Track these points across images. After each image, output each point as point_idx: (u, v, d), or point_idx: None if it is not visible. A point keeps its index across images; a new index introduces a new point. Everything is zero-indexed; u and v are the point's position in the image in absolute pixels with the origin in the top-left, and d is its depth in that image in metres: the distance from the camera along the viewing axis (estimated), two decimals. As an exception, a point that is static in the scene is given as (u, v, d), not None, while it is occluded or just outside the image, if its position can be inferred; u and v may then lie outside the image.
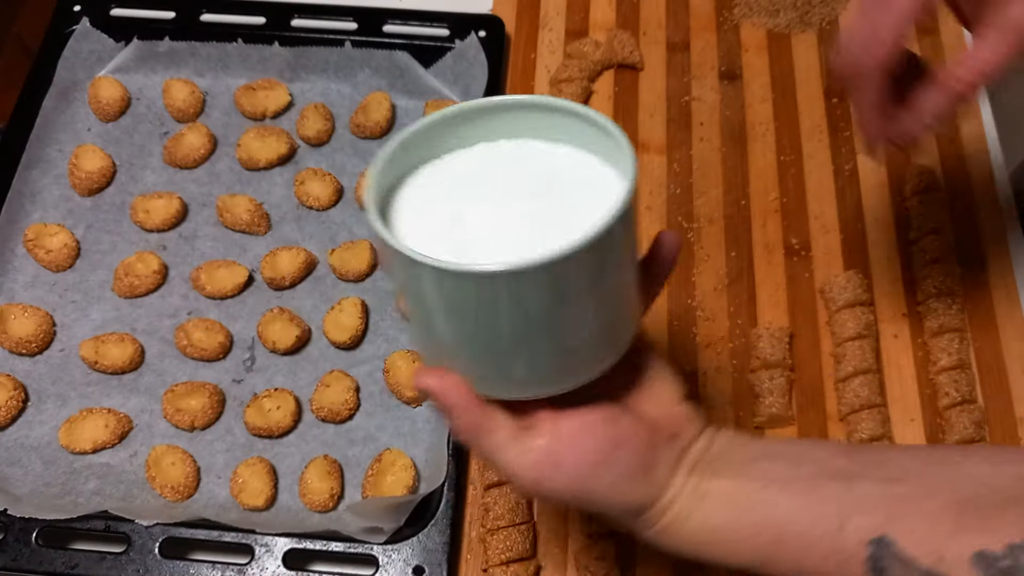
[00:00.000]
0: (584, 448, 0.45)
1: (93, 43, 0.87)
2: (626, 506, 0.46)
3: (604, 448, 0.45)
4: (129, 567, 0.65)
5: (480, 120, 0.48)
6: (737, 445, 0.48)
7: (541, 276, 0.39)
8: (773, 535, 0.45)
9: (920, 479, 0.45)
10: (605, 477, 0.45)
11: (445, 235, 0.44)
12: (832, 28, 0.93)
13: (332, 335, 0.75)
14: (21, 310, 0.75)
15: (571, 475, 0.44)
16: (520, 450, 0.45)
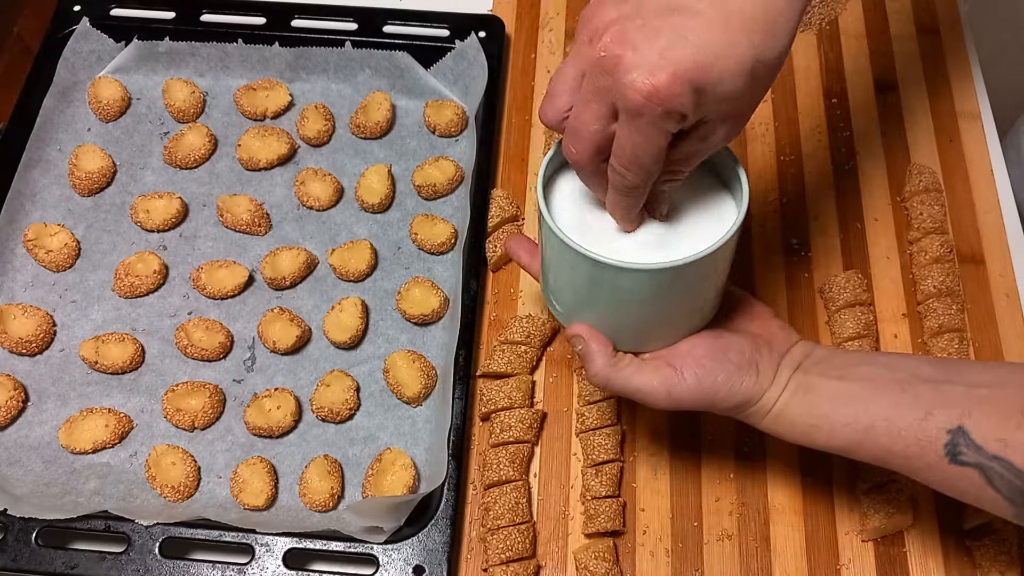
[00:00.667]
0: (698, 354, 0.58)
1: (93, 43, 0.87)
2: (741, 396, 0.57)
3: (714, 352, 0.58)
4: (129, 567, 0.65)
5: None
6: (838, 353, 0.60)
7: (685, 271, 0.52)
8: (866, 423, 0.55)
9: (995, 384, 0.53)
10: (720, 373, 0.57)
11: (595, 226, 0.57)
12: (832, 28, 0.93)
13: (332, 335, 0.75)
14: (21, 310, 0.75)
15: (694, 377, 0.57)
16: (649, 372, 0.57)
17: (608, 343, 0.58)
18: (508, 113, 0.88)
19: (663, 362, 0.58)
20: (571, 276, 0.57)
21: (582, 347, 0.59)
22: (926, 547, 0.68)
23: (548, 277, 0.61)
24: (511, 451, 0.70)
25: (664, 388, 0.57)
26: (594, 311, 0.59)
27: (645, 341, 0.60)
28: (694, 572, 0.67)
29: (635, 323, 0.58)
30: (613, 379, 0.58)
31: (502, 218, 0.80)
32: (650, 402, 0.58)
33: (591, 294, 0.57)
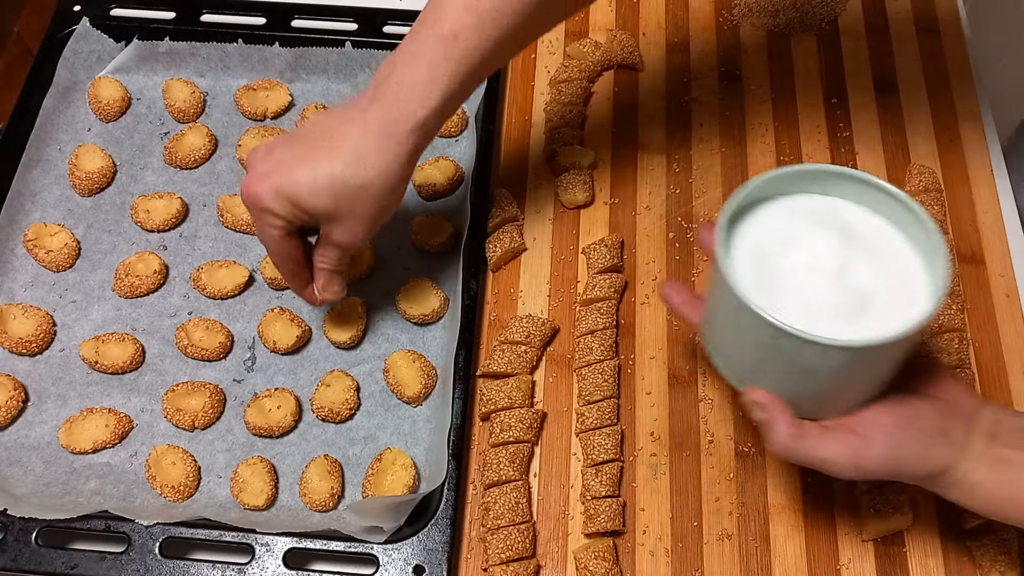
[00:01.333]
0: (885, 424, 0.55)
1: (93, 43, 0.87)
2: (933, 467, 0.55)
3: (902, 421, 0.55)
4: (129, 567, 0.65)
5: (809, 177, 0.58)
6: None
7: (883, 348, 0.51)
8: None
9: None
10: (910, 443, 0.55)
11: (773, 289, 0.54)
12: (832, 28, 0.93)
13: (332, 335, 0.75)
14: (21, 310, 0.75)
15: (883, 448, 0.54)
16: (835, 442, 0.55)
17: (789, 411, 0.56)
18: (508, 113, 0.88)
19: (848, 431, 0.56)
20: (752, 341, 0.54)
21: (764, 416, 0.56)
22: (926, 547, 0.68)
23: (719, 336, 0.59)
24: (511, 451, 0.70)
25: (853, 459, 0.55)
26: (773, 378, 0.56)
27: (827, 409, 0.57)
28: (694, 572, 0.67)
29: (820, 392, 0.56)
30: (797, 450, 0.55)
31: (502, 218, 0.80)
32: (835, 472, 0.55)
33: (774, 361, 0.54)
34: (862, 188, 0.57)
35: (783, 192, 0.58)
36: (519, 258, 0.81)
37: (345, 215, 0.63)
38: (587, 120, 0.88)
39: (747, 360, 0.57)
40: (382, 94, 0.62)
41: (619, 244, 0.80)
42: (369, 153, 0.61)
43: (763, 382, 0.56)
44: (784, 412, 0.55)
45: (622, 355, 0.76)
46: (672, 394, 0.74)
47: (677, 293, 0.64)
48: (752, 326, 0.53)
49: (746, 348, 0.56)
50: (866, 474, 0.55)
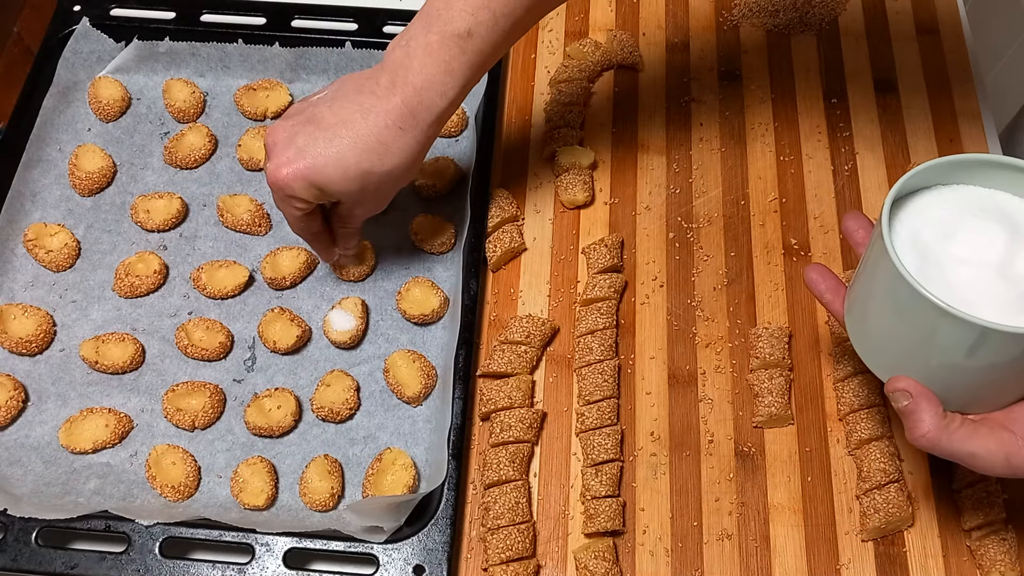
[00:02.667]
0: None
1: (93, 43, 0.87)
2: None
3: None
4: (129, 567, 0.65)
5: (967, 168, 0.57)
6: None
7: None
8: None
9: None
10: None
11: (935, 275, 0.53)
12: (832, 28, 0.93)
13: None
14: (21, 310, 0.75)
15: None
16: (984, 436, 0.54)
17: (937, 402, 0.55)
18: (508, 113, 0.88)
19: (999, 426, 0.55)
20: (909, 326, 0.54)
21: (907, 404, 0.55)
22: (926, 547, 0.68)
23: (870, 323, 0.58)
24: (511, 451, 0.70)
25: (1002, 453, 0.54)
26: (926, 367, 0.55)
27: (978, 402, 0.56)
28: (694, 572, 0.67)
29: (973, 384, 0.55)
30: (945, 443, 0.54)
31: (502, 218, 0.80)
32: (983, 468, 0.55)
33: (931, 349, 0.54)
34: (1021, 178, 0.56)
35: (941, 182, 0.57)
36: (519, 258, 0.81)
37: (369, 197, 0.69)
38: (587, 120, 0.88)
39: (898, 348, 0.56)
40: (400, 84, 0.65)
41: (619, 244, 0.80)
42: (392, 143, 0.65)
43: (912, 372, 0.55)
44: (931, 401, 0.54)
45: (622, 355, 0.76)
46: (672, 394, 0.74)
47: (824, 279, 0.63)
48: (912, 310, 0.52)
49: (899, 335, 0.55)
50: (1016, 472, 0.54)
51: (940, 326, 0.51)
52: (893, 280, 0.52)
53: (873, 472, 0.69)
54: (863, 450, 0.70)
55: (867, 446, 0.70)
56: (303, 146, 0.65)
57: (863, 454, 0.70)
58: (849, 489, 0.70)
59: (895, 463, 0.70)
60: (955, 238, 0.55)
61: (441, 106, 0.66)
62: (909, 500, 0.69)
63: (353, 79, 0.67)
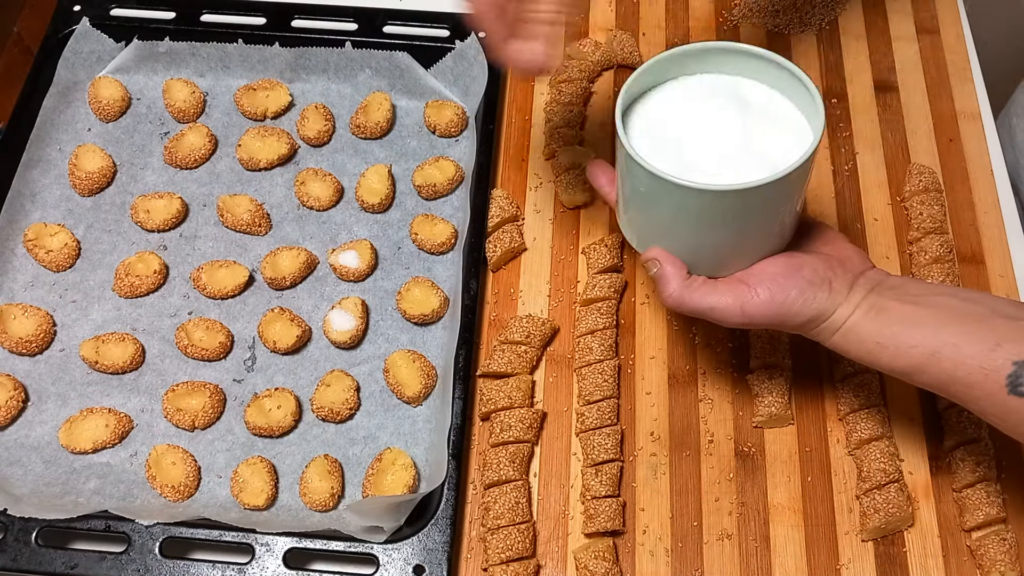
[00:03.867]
0: (772, 272, 0.59)
1: (93, 43, 0.87)
2: (814, 311, 0.58)
3: (788, 269, 0.59)
4: (129, 567, 0.65)
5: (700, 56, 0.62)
6: (915, 282, 0.61)
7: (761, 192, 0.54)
8: (933, 348, 0.56)
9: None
10: (793, 289, 0.58)
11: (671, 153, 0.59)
12: (832, 28, 0.93)
13: (331, 336, 0.75)
14: (21, 310, 0.75)
15: (767, 292, 0.58)
16: (722, 291, 0.59)
17: (683, 266, 0.61)
18: (508, 113, 0.88)
19: (735, 280, 0.60)
20: (649, 201, 0.59)
21: (657, 270, 0.61)
22: (926, 547, 0.68)
23: (625, 204, 0.64)
24: (511, 451, 0.70)
25: (737, 304, 0.59)
26: (671, 237, 0.61)
27: (721, 266, 0.61)
28: (694, 572, 0.67)
29: (712, 247, 0.60)
30: (687, 299, 0.60)
31: (502, 218, 0.80)
32: (724, 319, 0.60)
33: (669, 219, 0.59)
34: (750, 62, 0.62)
35: (683, 73, 0.63)
36: (519, 258, 0.81)
37: None
38: (587, 120, 0.88)
39: (647, 223, 0.62)
40: None
41: (619, 244, 0.80)
42: None
43: (663, 244, 0.61)
44: (676, 265, 0.61)
45: (622, 355, 0.76)
46: (672, 394, 0.74)
47: (603, 172, 0.68)
48: (645, 185, 0.57)
49: (648, 212, 0.61)
50: (752, 319, 0.59)
51: (667, 195, 0.57)
52: (626, 160, 0.58)
53: (873, 472, 0.69)
54: (863, 450, 0.70)
55: (867, 446, 0.70)
56: None
57: (863, 454, 0.70)
58: (849, 489, 0.70)
59: (895, 463, 0.70)
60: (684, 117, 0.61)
61: None
62: (909, 500, 0.69)
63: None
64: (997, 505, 0.68)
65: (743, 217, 0.57)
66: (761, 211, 0.58)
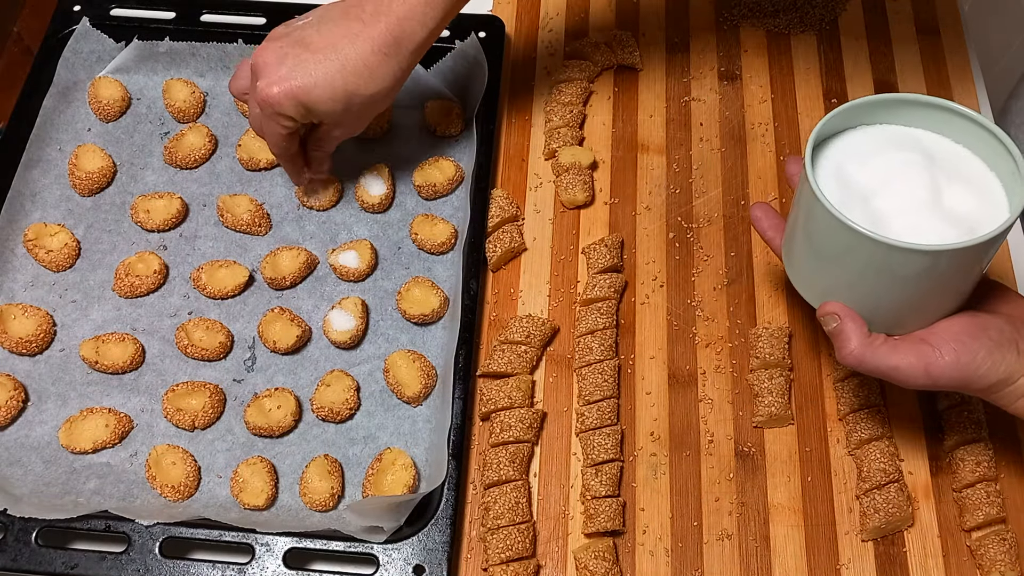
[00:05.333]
0: (955, 331, 0.58)
1: (93, 43, 0.87)
2: (1002, 373, 0.57)
3: (972, 330, 0.58)
4: (129, 567, 0.65)
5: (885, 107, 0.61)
6: None
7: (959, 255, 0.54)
8: None
9: None
10: (979, 351, 0.57)
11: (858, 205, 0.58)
12: (832, 28, 0.93)
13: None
14: (21, 310, 0.75)
15: (952, 354, 0.57)
16: (905, 350, 0.58)
17: (863, 323, 0.59)
18: (508, 113, 0.88)
19: (919, 340, 0.59)
20: (837, 255, 0.58)
21: (836, 326, 0.59)
22: (926, 547, 0.68)
23: (803, 255, 0.62)
24: (511, 451, 0.70)
25: (922, 365, 0.57)
26: (852, 291, 0.59)
27: (901, 323, 0.60)
28: (694, 572, 0.67)
29: (896, 304, 0.59)
30: (869, 359, 0.58)
31: (502, 218, 0.80)
32: (907, 381, 0.58)
33: (854, 273, 0.58)
34: (939, 115, 0.60)
35: (864, 122, 0.62)
36: (519, 258, 0.81)
37: (350, 119, 0.74)
38: (587, 120, 0.88)
39: (825, 275, 0.60)
40: (384, 12, 0.69)
41: (619, 244, 0.80)
42: (377, 68, 0.70)
43: (841, 297, 0.60)
44: (857, 322, 0.59)
45: (622, 355, 0.76)
46: (672, 394, 0.74)
47: (766, 217, 0.67)
48: (831, 235, 0.56)
49: (824, 262, 0.59)
50: (936, 381, 0.57)
51: (857, 249, 0.55)
52: (815, 208, 0.56)
53: (873, 472, 0.69)
54: (863, 450, 0.70)
55: (867, 446, 0.70)
56: (293, 67, 0.69)
57: (863, 454, 0.70)
58: (849, 489, 0.70)
59: (895, 463, 0.70)
60: (873, 166, 0.59)
61: (421, 36, 0.70)
62: (909, 500, 0.69)
63: (338, 6, 0.71)
64: (997, 505, 0.68)
65: (934, 277, 0.56)
66: (953, 272, 0.56)
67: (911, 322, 0.60)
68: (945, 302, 0.59)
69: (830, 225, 0.56)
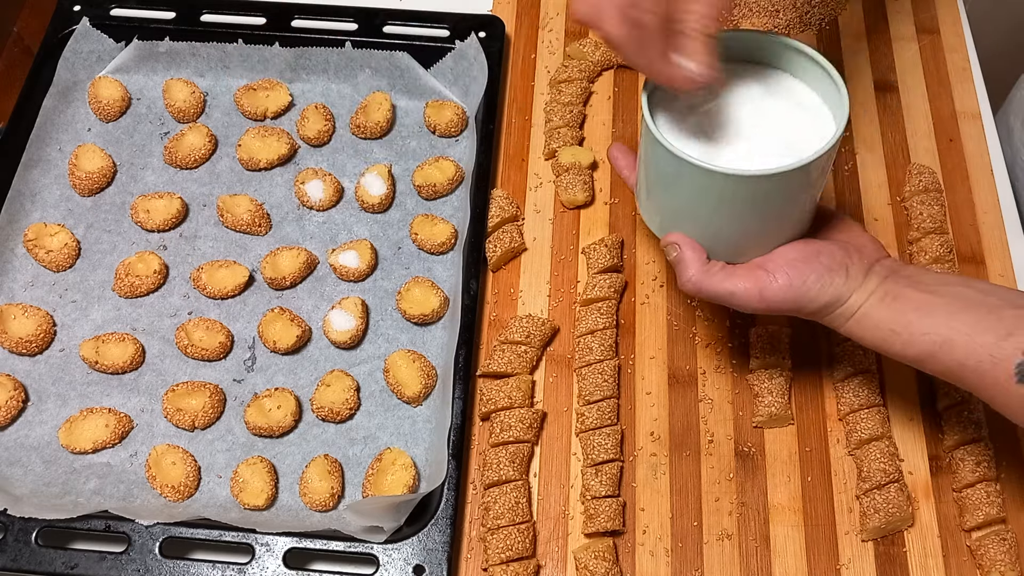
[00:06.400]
0: (790, 257, 0.60)
1: (93, 43, 0.87)
2: (830, 296, 0.59)
3: (806, 255, 0.60)
4: (129, 567, 0.65)
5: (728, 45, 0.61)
6: (929, 272, 0.62)
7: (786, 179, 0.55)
8: (945, 336, 0.57)
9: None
10: (811, 274, 0.59)
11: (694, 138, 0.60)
12: (832, 28, 0.93)
13: (331, 336, 0.75)
14: (21, 310, 0.75)
15: (785, 278, 0.59)
16: (741, 276, 0.60)
17: (702, 251, 0.61)
18: (508, 113, 0.88)
19: (754, 266, 0.61)
20: (672, 185, 0.60)
21: (676, 254, 0.62)
22: (926, 547, 0.68)
23: (646, 188, 0.64)
24: (511, 451, 0.70)
25: (756, 289, 0.60)
26: (692, 222, 0.62)
27: (740, 252, 0.62)
28: (694, 572, 0.67)
29: (733, 233, 0.61)
30: (706, 284, 0.61)
31: (502, 218, 0.80)
32: (742, 304, 0.60)
33: (691, 202, 0.60)
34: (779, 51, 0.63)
35: None
36: (519, 258, 0.81)
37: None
38: (587, 120, 0.88)
39: (667, 208, 0.63)
40: None
41: (619, 244, 0.80)
42: None
43: (683, 228, 0.62)
44: (695, 250, 0.61)
45: (622, 355, 0.76)
46: (672, 394, 0.74)
47: (623, 156, 0.69)
48: (676, 171, 0.58)
49: (664, 194, 0.62)
50: (769, 305, 0.60)
51: (690, 179, 0.58)
52: (652, 143, 0.59)
53: (873, 472, 0.69)
54: (863, 450, 0.70)
55: (867, 446, 0.70)
56: None
57: (863, 454, 0.70)
58: (849, 489, 0.70)
59: (895, 463, 0.70)
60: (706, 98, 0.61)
61: None
62: (909, 500, 0.69)
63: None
64: (997, 505, 0.68)
65: (766, 203, 0.58)
66: (784, 197, 0.59)
67: (750, 250, 0.62)
68: (779, 229, 0.61)
69: (664, 157, 0.58)
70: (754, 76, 0.63)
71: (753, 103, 0.62)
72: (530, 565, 0.66)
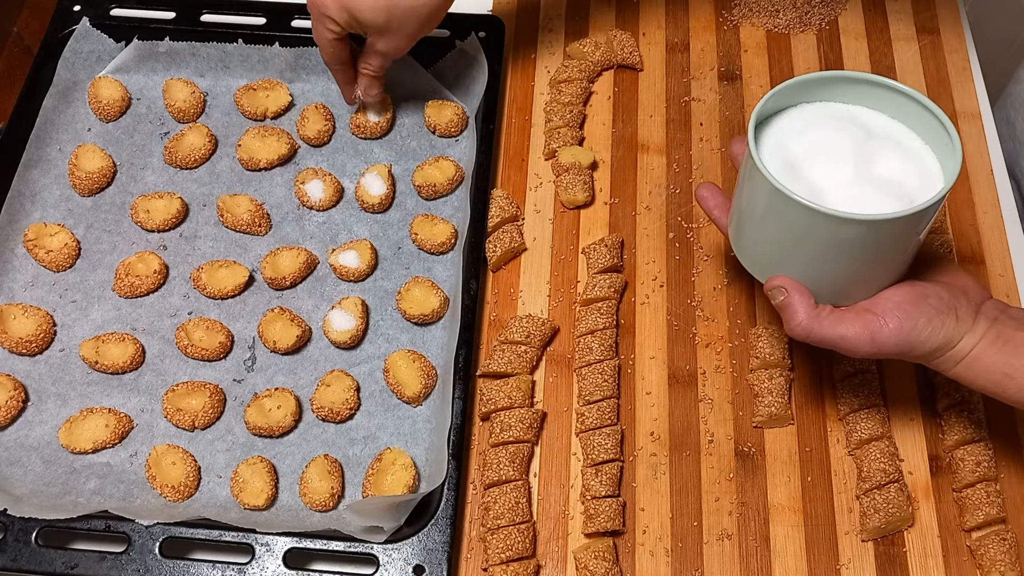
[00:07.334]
0: (898, 300, 0.60)
1: (93, 43, 0.87)
2: (941, 339, 0.59)
3: (914, 298, 0.60)
4: (129, 567, 0.65)
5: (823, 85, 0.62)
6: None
7: (897, 224, 0.55)
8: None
9: None
10: (921, 317, 0.59)
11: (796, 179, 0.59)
12: (832, 28, 0.93)
13: (331, 336, 0.75)
14: (21, 310, 0.75)
15: (895, 321, 0.59)
16: (851, 320, 0.59)
17: (810, 295, 0.60)
18: (508, 113, 0.88)
19: (862, 309, 0.60)
20: (778, 226, 0.59)
21: (783, 298, 0.61)
22: (926, 547, 0.68)
23: (748, 228, 0.63)
24: (511, 451, 0.70)
25: (867, 334, 0.59)
26: (797, 264, 0.61)
27: (845, 295, 0.61)
28: (694, 572, 0.67)
29: (839, 276, 0.60)
30: (816, 330, 0.60)
31: (502, 218, 0.80)
32: (854, 350, 0.60)
33: (797, 245, 0.59)
34: (876, 92, 0.62)
35: (805, 100, 0.63)
36: (519, 258, 0.81)
37: (393, 31, 0.75)
38: (587, 120, 0.88)
39: (771, 250, 0.62)
40: None
41: (619, 244, 0.80)
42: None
43: (787, 271, 0.61)
44: (803, 294, 0.60)
45: (622, 355, 0.76)
46: (672, 394, 0.74)
47: (712, 196, 0.68)
48: (776, 209, 0.57)
49: (769, 236, 0.61)
50: (881, 349, 0.59)
51: (800, 221, 0.56)
52: (757, 182, 0.58)
53: (873, 472, 0.69)
54: (863, 450, 0.70)
55: (867, 446, 0.70)
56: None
57: (863, 454, 0.70)
58: (849, 489, 0.70)
59: (895, 463, 0.70)
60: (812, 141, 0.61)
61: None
62: (909, 500, 0.69)
63: None
64: (997, 505, 0.68)
65: (876, 247, 0.57)
66: (894, 242, 0.58)
67: (855, 293, 0.61)
68: (886, 272, 0.60)
69: (771, 197, 0.57)
70: (853, 117, 0.62)
71: (844, 141, 0.61)
72: (530, 565, 0.66)
